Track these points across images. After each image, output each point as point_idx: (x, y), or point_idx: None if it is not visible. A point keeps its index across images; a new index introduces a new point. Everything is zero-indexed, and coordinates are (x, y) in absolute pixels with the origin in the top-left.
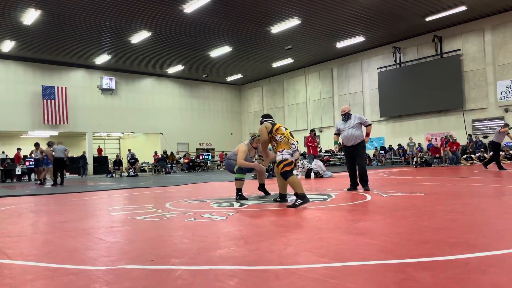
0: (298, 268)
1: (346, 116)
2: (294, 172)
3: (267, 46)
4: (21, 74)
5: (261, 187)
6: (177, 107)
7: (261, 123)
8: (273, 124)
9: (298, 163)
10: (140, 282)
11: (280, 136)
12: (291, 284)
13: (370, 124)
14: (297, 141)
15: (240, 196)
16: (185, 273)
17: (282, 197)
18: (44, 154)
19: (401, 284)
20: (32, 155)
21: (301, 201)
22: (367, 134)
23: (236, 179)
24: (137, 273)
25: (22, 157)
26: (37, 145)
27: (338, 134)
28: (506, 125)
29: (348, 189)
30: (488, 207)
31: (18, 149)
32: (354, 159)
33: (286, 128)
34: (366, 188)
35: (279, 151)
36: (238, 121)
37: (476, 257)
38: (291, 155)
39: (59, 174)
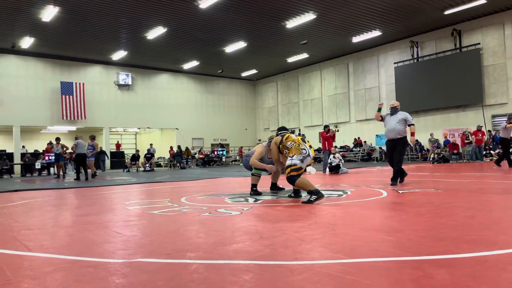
0: (313, 263)
1: (393, 110)
2: (308, 169)
3: (282, 41)
4: (41, 71)
5: (273, 186)
6: (192, 103)
7: (276, 135)
8: (283, 135)
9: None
10: (157, 275)
11: (291, 143)
12: (306, 280)
13: (413, 124)
14: (310, 146)
15: (254, 192)
16: (201, 267)
17: (296, 193)
18: (64, 148)
19: (418, 281)
20: (53, 149)
21: (316, 197)
22: (412, 134)
23: (252, 174)
24: (153, 266)
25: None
26: (58, 139)
27: (381, 120)
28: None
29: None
30: (508, 205)
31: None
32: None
33: (298, 135)
34: (392, 183)
35: (290, 157)
36: (252, 117)
37: (494, 254)
38: (301, 160)
39: (82, 169)
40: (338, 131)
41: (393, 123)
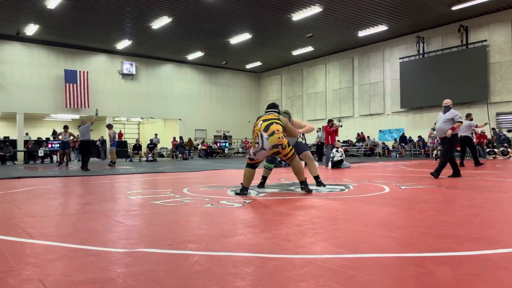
0: (315, 258)
1: (446, 109)
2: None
3: (288, 34)
4: (45, 58)
5: (319, 184)
6: (196, 94)
7: (265, 112)
8: (258, 119)
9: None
10: (158, 265)
11: (254, 135)
12: (307, 274)
13: (461, 122)
14: (273, 132)
15: (261, 184)
16: (202, 258)
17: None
18: (72, 137)
19: (420, 278)
20: (60, 137)
21: (239, 193)
22: (452, 128)
23: (264, 167)
24: (155, 256)
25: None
26: (66, 127)
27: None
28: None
29: (449, 176)
30: (510, 203)
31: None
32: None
33: (265, 120)
34: (433, 173)
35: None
36: (256, 109)
37: (497, 253)
38: (254, 154)
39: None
40: (341, 126)
41: (440, 122)
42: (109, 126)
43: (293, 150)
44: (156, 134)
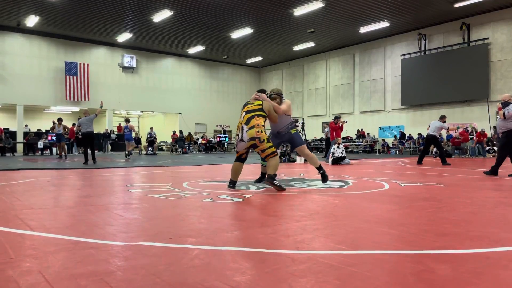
0: (314, 253)
1: (504, 105)
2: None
3: (289, 29)
4: (45, 50)
5: (322, 176)
6: (196, 88)
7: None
8: (244, 106)
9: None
10: (158, 259)
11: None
12: (307, 269)
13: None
14: (252, 127)
15: (259, 179)
16: (202, 253)
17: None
18: (66, 129)
19: (419, 276)
20: (54, 130)
21: (228, 185)
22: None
23: (261, 164)
24: (155, 250)
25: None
26: (60, 120)
27: None
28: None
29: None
30: (510, 202)
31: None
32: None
33: (247, 112)
34: (486, 172)
35: None
36: None
37: (497, 251)
38: (236, 145)
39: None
40: (346, 122)
41: (499, 119)
42: (127, 120)
43: (272, 149)
44: (151, 128)
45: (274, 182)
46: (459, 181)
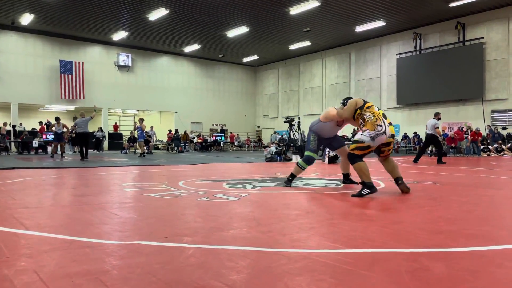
0: (310, 252)
1: None
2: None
3: (285, 28)
4: (40, 48)
5: (345, 178)
6: (192, 87)
7: (344, 104)
8: (366, 102)
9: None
10: (154, 258)
11: (369, 115)
12: (303, 268)
13: None
14: (390, 123)
15: (288, 181)
16: (198, 251)
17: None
18: (65, 129)
19: (414, 274)
20: (54, 128)
21: (368, 191)
22: None
23: (297, 164)
24: (150, 249)
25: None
26: (57, 119)
27: None
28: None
29: None
30: (505, 200)
31: (40, 122)
32: None
33: (379, 109)
34: None
35: (361, 131)
36: (252, 103)
37: (492, 250)
38: (372, 138)
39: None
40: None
41: None
42: (141, 120)
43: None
44: (152, 127)
45: (400, 182)
46: (454, 179)
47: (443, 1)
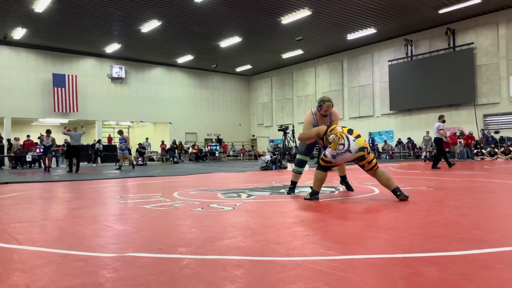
0: (305, 260)
1: None
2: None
3: (277, 37)
4: (32, 62)
5: (342, 180)
6: (186, 97)
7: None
8: (328, 127)
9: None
10: (148, 270)
11: (332, 137)
12: (297, 276)
13: None
14: (358, 136)
15: (290, 190)
16: (192, 262)
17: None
18: (54, 143)
19: (408, 279)
20: (43, 142)
21: (309, 198)
22: None
23: (293, 171)
24: (145, 261)
25: (34, 144)
26: (48, 132)
27: None
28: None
29: None
30: (498, 203)
31: (28, 136)
32: None
33: (343, 127)
34: None
35: (328, 147)
36: (246, 112)
37: (484, 253)
38: (334, 157)
39: (74, 161)
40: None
41: None
42: (120, 132)
43: (375, 160)
44: (147, 138)
45: (399, 192)
46: (448, 184)
47: (433, 8)
